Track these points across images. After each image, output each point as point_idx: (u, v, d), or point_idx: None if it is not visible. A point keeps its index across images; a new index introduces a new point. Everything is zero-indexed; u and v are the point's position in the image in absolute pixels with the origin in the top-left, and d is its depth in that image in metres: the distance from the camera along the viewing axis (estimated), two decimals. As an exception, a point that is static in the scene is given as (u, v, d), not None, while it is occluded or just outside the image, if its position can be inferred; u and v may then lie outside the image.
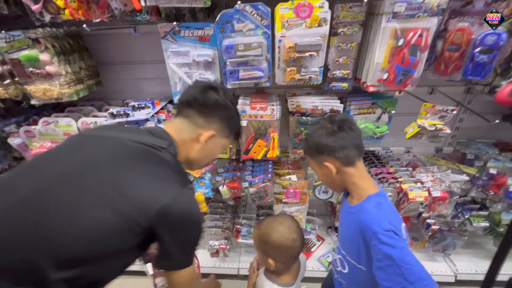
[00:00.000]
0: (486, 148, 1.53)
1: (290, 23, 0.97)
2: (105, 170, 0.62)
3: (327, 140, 0.79)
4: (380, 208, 0.75)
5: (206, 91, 0.75)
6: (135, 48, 1.41)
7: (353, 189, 0.82)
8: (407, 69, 1.01)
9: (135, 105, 1.28)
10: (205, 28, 1.06)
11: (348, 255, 0.87)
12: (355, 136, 0.79)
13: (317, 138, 0.82)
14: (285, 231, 0.92)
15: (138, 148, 0.67)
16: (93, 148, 0.67)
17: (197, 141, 0.75)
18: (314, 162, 0.86)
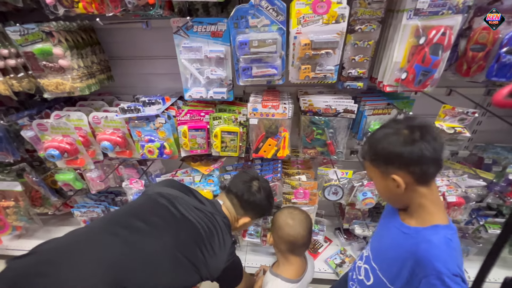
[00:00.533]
0: (505, 153, 1.47)
1: (306, 19, 0.94)
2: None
3: (403, 149, 0.66)
4: (450, 245, 0.66)
5: (251, 189, 1.03)
6: (147, 43, 1.39)
7: (418, 211, 0.72)
8: (427, 69, 0.96)
9: (145, 100, 1.27)
10: (218, 24, 1.04)
11: (380, 270, 0.80)
12: (438, 149, 0.66)
13: (389, 144, 0.69)
14: (297, 227, 1.05)
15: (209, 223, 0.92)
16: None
17: (236, 221, 1.05)
18: (376, 171, 0.75)
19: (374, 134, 0.75)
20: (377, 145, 0.71)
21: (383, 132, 0.71)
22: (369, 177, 0.80)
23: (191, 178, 1.42)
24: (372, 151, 0.73)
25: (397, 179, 0.69)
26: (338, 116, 1.18)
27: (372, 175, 0.78)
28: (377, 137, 0.72)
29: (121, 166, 1.55)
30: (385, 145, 0.69)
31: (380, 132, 0.73)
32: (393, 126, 0.71)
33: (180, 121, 1.25)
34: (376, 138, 0.72)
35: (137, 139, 1.28)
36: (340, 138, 1.25)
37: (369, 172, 0.79)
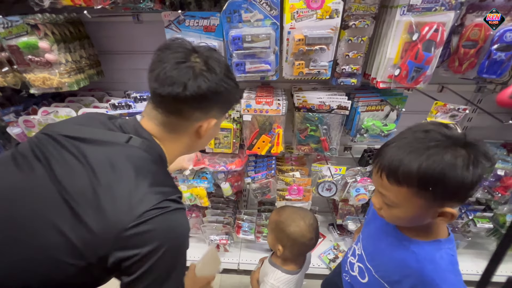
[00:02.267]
0: (494, 149, 1.50)
1: (300, 14, 0.93)
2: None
3: (471, 178, 0.51)
4: (453, 263, 0.62)
5: (195, 71, 0.59)
6: (137, 37, 1.36)
7: (427, 226, 0.64)
8: (420, 65, 0.97)
9: (137, 96, 1.24)
10: (211, 18, 1.02)
11: (376, 273, 0.76)
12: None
13: (458, 173, 0.51)
14: (305, 228, 0.95)
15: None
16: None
17: (196, 134, 0.68)
18: (416, 201, 0.57)
19: (427, 153, 0.53)
20: (439, 173, 0.52)
21: (444, 157, 0.52)
22: (389, 199, 0.61)
23: (184, 176, 1.41)
24: (427, 180, 0.53)
25: (452, 212, 0.57)
26: (331, 112, 1.18)
27: (399, 201, 0.60)
28: (438, 162, 0.52)
29: (112, 164, 1.52)
30: (453, 176, 0.51)
31: (437, 155, 0.53)
32: (448, 146, 0.53)
33: (172, 117, 1.23)
34: (436, 163, 0.52)
35: (129, 136, 1.25)
36: (334, 135, 1.25)
37: (393, 195, 0.60)
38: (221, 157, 1.39)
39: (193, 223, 1.67)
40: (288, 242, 0.96)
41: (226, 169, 1.34)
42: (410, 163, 0.54)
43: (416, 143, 0.55)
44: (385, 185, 0.59)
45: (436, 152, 0.53)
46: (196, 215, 1.64)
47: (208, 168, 1.35)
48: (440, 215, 0.58)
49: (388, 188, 0.59)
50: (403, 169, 0.55)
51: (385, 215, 0.65)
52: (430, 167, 0.52)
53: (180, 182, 1.40)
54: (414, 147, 0.55)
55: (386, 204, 0.62)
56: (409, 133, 0.59)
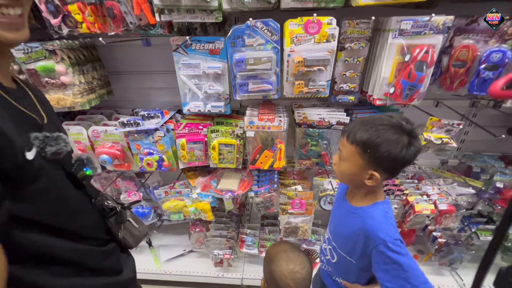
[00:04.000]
0: (492, 162, 1.53)
1: (299, 39, 1.00)
2: None
3: (399, 155, 0.70)
4: (387, 216, 0.80)
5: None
6: (146, 59, 1.45)
7: (367, 195, 0.83)
8: (413, 84, 1.02)
9: (144, 114, 1.30)
10: (215, 42, 1.09)
11: (339, 248, 0.92)
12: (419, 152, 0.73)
13: (389, 149, 0.70)
14: (286, 272, 0.86)
15: None
16: None
17: None
18: (356, 158, 0.76)
19: (377, 128, 0.72)
20: (377, 142, 0.71)
21: (386, 134, 0.71)
22: (342, 154, 0.80)
23: (189, 190, 1.44)
24: (368, 145, 0.72)
25: (375, 176, 0.75)
26: (331, 128, 1.22)
27: (347, 156, 0.78)
28: (380, 135, 0.71)
29: (119, 179, 1.56)
30: (385, 148, 0.70)
31: (383, 131, 0.71)
32: (394, 129, 0.71)
33: (178, 134, 1.28)
34: (379, 136, 0.71)
35: (136, 152, 1.30)
36: (334, 149, 1.30)
37: (346, 151, 0.78)
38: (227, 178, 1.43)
39: (197, 238, 1.68)
40: (268, 278, 0.91)
41: (233, 195, 1.37)
42: (365, 130, 0.73)
43: (378, 121, 0.74)
44: (344, 142, 0.79)
45: (384, 129, 0.71)
46: (200, 229, 1.66)
47: (215, 193, 1.38)
48: (369, 178, 0.76)
49: (345, 145, 0.79)
50: (359, 133, 0.74)
51: (336, 169, 0.85)
52: (373, 136, 0.71)
53: (185, 196, 1.43)
54: (374, 122, 0.74)
55: (339, 158, 0.82)
56: (378, 116, 0.77)
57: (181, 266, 1.71)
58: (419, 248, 1.77)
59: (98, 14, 1.04)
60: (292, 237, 1.50)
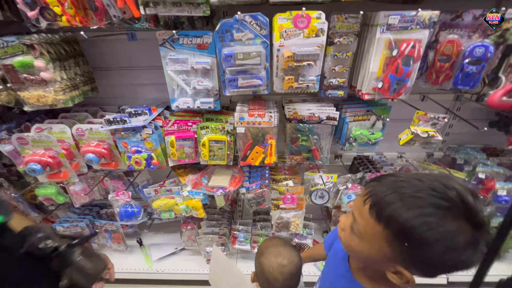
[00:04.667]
0: (475, 153, 1.59)
1: (288, 33, 0.99)
2: None
3: (461, 259, 0.44)
4: None
5: None
6: (132, 54, 1.40)
7: (381, 275, 0.56)
8: (401, 78, 1.04)
9: (131, 111, 1.27)
10: (203, 36, 1.07)
11: None
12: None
13: (445, 250, 0.44)
14: (274, 266, 0.86)
15: None
16: None
17: None
18: (380, 241, 0.50)
19: (426, 208, 0.45)
20: (425, 238, 0.44)
21: (443, 225, 0.43)
22: (358, 227, 0.54)
23: (180, 188, 1.42)
24: (408, 236, 0.45)
25: (405, 275, 0.50)
26: (321, 123, 1.23)
27: (366, 234, 0.53)
28: (434, 227, 0.44)
29: (106, 178, 1.52)
30: (437, 249, 0.44)
31: (438, 218, 0.44)
32: (455, 214, 0.44)
33: (167, 131, 1.25)
34: (431, 228, 0.44)
35: (124, 151, 1.27)
36: (324, 144, 1.31)
37: (364, 226, 0.53)
38: (218, 175, 1.42)
39: (188, 236, 1.67)
40: (258, 271, 0.93)
41: (224, 192, 1.36)
42: (403, 210, 0.46)
43: (426, 192, 0.45)
44: (364, 212, 0.52)
45: (440, 216, 0.43)
46: (191, 227, 1.64)
47: (206, 191, 1.37)
48: (395, 273, 0.52)
49: (364, 216, 0.52)
50: (391, 210, 0.47)
51: (344, 239, 0.60)
52: (423, 226, 0.43)
53: (175, 194, 1.41)
54: (420, 195, 0.45)
55: (351, 229, 0.57)
56: (426, 178, 0.48)
57: (173, 265, 1.69)
58: (406, 239, 1.82)
59: (78, 7, 0.99)
60: (284, 232, 1.51)
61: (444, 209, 0.44)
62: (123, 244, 1.70)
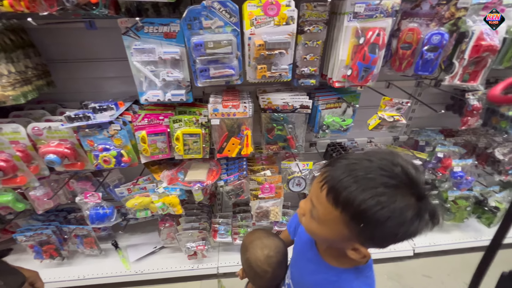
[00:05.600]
0: (434, 135, 1.73)
1: (258, 21, 0.98)
2: None
3: (411, 231, 0.48)
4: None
5: None
6: (92, 44, 1.29)
7: (346, 256, 0.58)
8: (368, 65, 1.08)
9: (96, 106, 1.18)
10: (170, 24, 1.01)
11: None
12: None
13: (397, 224, 0.47)
14: (261, 258, 0.85)
15: None
16: None
17: None
18: (338, 225, 0.52)
19: (377, 188, 0.47)
20: (379, 217, 0.46)
21: (393, 202, 0.46)
22: (317, 212, 0.56)
23: (155, 185, 1.37)
24: (364, 217, 0.48)
25: (363, 251, 0.55)
26: (295, 112, 1.25)
27: (324, 220, 0.55)
28: (385, 205, 0.46)
29: (72, 180, 1.41)
30: (390, 225, 0.47)
31: (388, 196, 0.47)
32: (402, 189, 0.47)
33: (137, 126, 1.19)
34: (383, 207, 0.46)
35: (90, 149, 1.18)
36: (299, 132, 1.33)
37: (323, 212, 0.54)
38: (194, 169, 1.38)
39: (167, 233, 1.62)
40: (246, 267, 0.91)
41: (202, 186, 1.33)
42: (357, 192, 0.48)
43: (375, 172, 0.48)
44: (321, 198, 0.53)
45: (390, 194, 0.47)
46: (170, 224, 1.60)
47: (183, 186, 1.33)
48: (354, 250, 0.55)
49: (322, 202, 0.53)
50: (347, 194, 0.49)
51: (305, 224, 0.62)
52: (376, 206, 0.46)
53: (150, 192, 1.36)
54: (370, 176, 0.48)
55: (311, 214, 0.58)
56: (374, 158, 0.51)
57: (153, 264, 1.64)
58: (377, 218, 1.95)
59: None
60: (264, 221, 1.53)
61: (393, 187, 0.47)
62: (96, 248, 1.61)
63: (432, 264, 1.76)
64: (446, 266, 1.75)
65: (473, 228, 1.85)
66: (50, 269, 1.60)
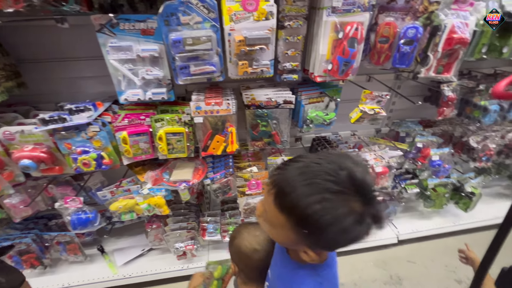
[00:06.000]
0: (414, 126, 1.79)
1: (238, 16, 0.97)
2: None
3: (354, 235, 0.49)
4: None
5: None
6: (67, 43, 1.23)
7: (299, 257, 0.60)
8: (347, 60, 1.10)
9: (72, 108, 1.13)
10: (147, 21, 0.98)
11: None
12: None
13: (340, 230, 0.47)
14: (248, 238, 0.87)
15: None
16: None
17: None
18: (286, 230, 0.52)
19: (322, 193, 0.47)
20: (322, 223, 0.47)
21: (336, 207, 0.47)
22: (268, 216, 0.56)
23: (139, 186, 1.34)
24: (308, 224, 0.48)
25: (310, 255, 0.56)
26: (279, 107, 1.26)
27: (274, 223, 0.55)
28: (328, 211, 0.47)
29: (51, 185, 1.35)
30: (333, 231, 0.47)
31: (332, 201, 0.47)
32: (348, 199, 0.47)
33: (117, 127, 1.15)
34: (326, 213, 0.47)
35: (67, 152, 1.14)
36: (284, 128, 1.34)
37: (271, 215, 0.54)
38: (179, 168, 1.36)
39: (155, 235, 1.60)
40: (235, 257, 0.90)
41: (188, 185, 1.31)
42: (301, 197, 0.48)
43: (321, 177, 0.48)
44: (270, 202, 0.54)
45: (333, 199, 0.47)
46: (157, 225, 1.57)
47: (169, 186, 1.31)
48: (305, 252, 0.56)
49: (271, 206, 0.53)
50: (291, 199, 0.49)
51: (261, 226, 0.62)
52: (317, 213, 0.46)
53: (134, 194, 1.33)
54: (315, 181, 0.48)
55: (264, 217, 0.59)
56: (323, 161, 0.50)
57: (142, 267, 1.61)
58: (363, 208, 2.01)
59: (-16, -15, 0.83)
60: (252, 217, 1.54)
61: (336, 193, 0.47)
62: (81, 254, 1.56)
63: (416, 250, 1.84)
64: (429, 251, 1.83)
65: (452, 213, 1.94)
66: (31, 279, 1.52)
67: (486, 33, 1.23)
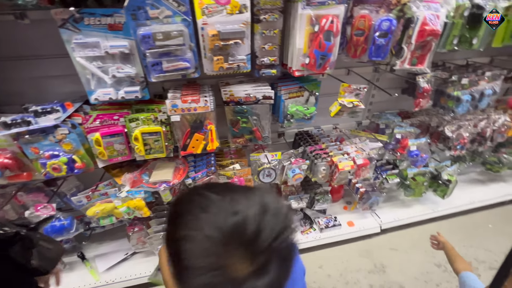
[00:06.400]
0: (393, 118, 1.83)
1: (210, 10, 0.94)
2: None
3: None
4: None
5: None
6: (28, 40, 1.15)
7: None
8: (324, 53, 1.10)
9: (38, 109, 1.06)
10: (114, 15, 0.93)
11: None
12: None
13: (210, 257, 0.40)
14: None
15: None
16: None
17: None
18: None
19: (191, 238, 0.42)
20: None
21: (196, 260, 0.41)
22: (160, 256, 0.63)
23: (117, 189, 1.28)
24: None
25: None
26: (258, 103, 1.24)
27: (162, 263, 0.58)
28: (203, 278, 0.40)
29: (20, 193, 1.27)
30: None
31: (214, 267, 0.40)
32: (239, 250, 0.40)
33: (88, 128, 1.10)
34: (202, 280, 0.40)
35: (35, 157, 1.07)
36: (265, 124, 1.33)
37: (161, 264, 0.60)
38: (159, 169, 1.32)
39: (137, 238, 1.55)
40: None
41: (168, 186, 1.27)
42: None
43: (201, 221, 0.42)
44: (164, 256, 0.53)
45: (218, 256, 0.40)
46: (139, 228, 1.53)
47: (148, 188, 1.26)
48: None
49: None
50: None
51: None
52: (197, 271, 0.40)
53: (112, 197, 1.27)
54: (199, 237, 0.41)
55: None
56: (211, 210, 0.43)
57: (125, 271, 1.57)
58: (347, 200, 2.05)
59: None
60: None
61: (221, 245, 0.40)
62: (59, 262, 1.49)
63: (398, 238, 1.90)
64: (410, 238, 1.90)
65: (431, 200, 2.02)
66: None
67: (457, 24, 1.27)
